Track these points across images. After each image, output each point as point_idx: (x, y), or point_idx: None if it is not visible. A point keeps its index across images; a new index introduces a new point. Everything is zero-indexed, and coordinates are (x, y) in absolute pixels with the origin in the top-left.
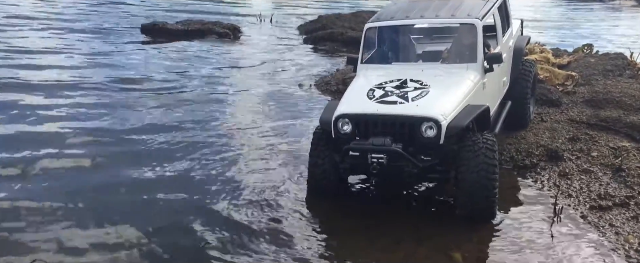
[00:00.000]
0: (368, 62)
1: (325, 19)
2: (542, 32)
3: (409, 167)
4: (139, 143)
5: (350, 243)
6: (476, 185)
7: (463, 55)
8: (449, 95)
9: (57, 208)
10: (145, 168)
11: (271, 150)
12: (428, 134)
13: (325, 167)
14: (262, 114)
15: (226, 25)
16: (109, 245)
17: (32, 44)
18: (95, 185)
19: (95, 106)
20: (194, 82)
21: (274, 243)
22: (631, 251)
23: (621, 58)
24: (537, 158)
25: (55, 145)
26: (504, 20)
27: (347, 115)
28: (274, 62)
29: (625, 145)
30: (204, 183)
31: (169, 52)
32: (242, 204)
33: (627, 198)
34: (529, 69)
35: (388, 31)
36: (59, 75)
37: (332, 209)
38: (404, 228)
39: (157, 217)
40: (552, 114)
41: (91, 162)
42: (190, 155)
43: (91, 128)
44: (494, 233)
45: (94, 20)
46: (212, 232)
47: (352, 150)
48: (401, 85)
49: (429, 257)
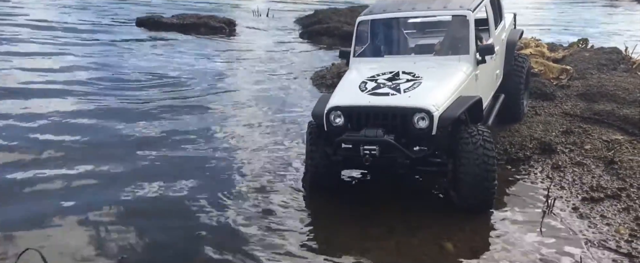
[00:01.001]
0: (360, 56)
1: (321, 13)
2: (538, 27)
3: (402, 159)
4: (130, 135)
5: (343, 232)
6: (476, 177)
7: (455, 47)
8: (441, 86)
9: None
10: (136, 160)
11: (264, 143)
12: (420, 125)
13: (318, 160)
14: (256, 107)
15: (221, 19)
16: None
17: (24, 36)
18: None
19: (88, 102)
20: (188, 75)
21: (265, 232)
22: (622, 242)
23: (616, 52)
24: (530, 151)
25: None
26: (497, 13)
27: (339, 108)
28: (269, 55)
29: (618, 138)
30: (196, 174)
31: (163, 45)
32: (235, 195)
33: (619, 190)
34: (522, 63)
35: (380, 24)
36: (53, 70)
37: (324, 198)
38: (396, 218)
39: (149, 204)
40: (546, 107)
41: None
42: (182, 146)
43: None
44: (485, 224)
45: (88, 12)
46: (207, 220)
47: (344, 142)
48: (393, 78)
49: (421, 247)
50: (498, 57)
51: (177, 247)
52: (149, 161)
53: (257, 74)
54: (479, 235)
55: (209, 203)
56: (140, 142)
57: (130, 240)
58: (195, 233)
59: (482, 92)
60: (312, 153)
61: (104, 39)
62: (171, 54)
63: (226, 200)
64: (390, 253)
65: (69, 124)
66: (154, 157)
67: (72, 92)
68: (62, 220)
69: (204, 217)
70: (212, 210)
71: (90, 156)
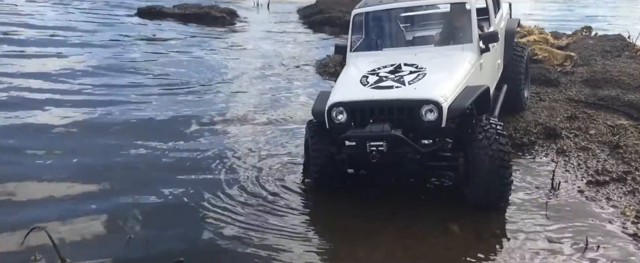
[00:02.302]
0: (357, 50)
1: (322, 3)
2: (541, 15)
3: (411, 154)
4: (126, 129)
5: (346, 214)
6: (491, 174)
7: (457, 36)
8: (446, 77)
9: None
10: (139, 149)
11: (267, 135)
12: (428, 118)
13: (321, 160)
14: (259, 97)
15: (223, 9)
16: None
17: (25, 28)
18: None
19: (91, 93)
20: (189, 66)
21: (265, 215)
22: (628, 223)
23: (620, 39)
24: (535, 136)
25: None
26: (495, 1)
27: (341, 104)
28: (271, 45)
29: (623, 123)
30: (195, 167)
31: (164, 35)
32: (235, 192)
33: (624, 173)
34: (521, 52)
35: (377, 16)
36: (51, 62)
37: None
38: (402, 201)
39: (149, 197)
40: (551, 94)
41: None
42: (184, 141)
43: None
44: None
45: (86, 2)
46: (206, 206)
47: (348, 139)
48: (395, 70)
49: (426, 229)
50: (498, 46)
51: (176, 245)
52: (145, 156)
53: (260, 63)
54: (485, 217)
55: (207, 200)
56: (136, 136)
57: (123, 239)
58: (194, 232)
59: (487, 82)
60: (315, 152)
61: (104, 29)
62: (172, 44)
63: (223, 194)
64: (396, 236)
65: (60, 117)
66: (152, 151)
67: (66, 83)
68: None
69: (199, 205)
70: (211, 208)
71: (79, 151)
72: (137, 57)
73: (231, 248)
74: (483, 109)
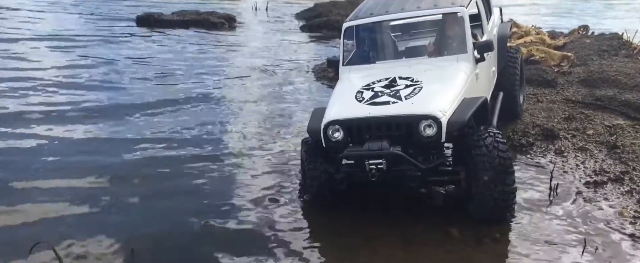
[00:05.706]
0: (350, 63)
1: (321, 7)
2: (538, 15)
3: (412, 171)
4: (126, 132)
5: (346, 218)
6: (493, 184)
7: (451, 46)
8: (443, 89)
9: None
10: (136, 154)
11: (268, 143)
12: (427, 133)
13: (319, 180)
14: (258, 102)
15: (221, 15)
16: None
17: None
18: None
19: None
20: (189, 72)
21: (265, 221)
22: (625, 223)
23: (616, 38)
24: (533, 138)
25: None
26: (486, 8)
27: (337, 121)
28: (270, 50)
29: (620, 122)
30: (194, 172)
31: (164, 42)
32: (233, 197)
33: (621, 174)
34: (515, 55)
35: (368, 29)
36: (51, 71)
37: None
38: (401, 206)
39: (148, 212)
40: (548, 94)
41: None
42: (181, 150)
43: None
44: None
45: (85, 11)
46: (204, 216)
47: (346, 158)
48: (391, 84)
49: (426, 233)
50: (492, 53)
51: (175, 248)
52: (146, 160)
53: (259, 68)
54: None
55: (205, 204)
56: (137, 140)
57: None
58: (193, 235)
59: (484, 92)
60: (311, 172)
61: (104, 34)
62: (172, 51)
63: (224, 204)
64: (396, 241)
65: (64, 118)
66: (152, 155)
67: (69, 86)
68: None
69: (202, 218)
70: (209, 214)
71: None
72: (131, 63)
73: (232, 252)
74: (481, 121)
